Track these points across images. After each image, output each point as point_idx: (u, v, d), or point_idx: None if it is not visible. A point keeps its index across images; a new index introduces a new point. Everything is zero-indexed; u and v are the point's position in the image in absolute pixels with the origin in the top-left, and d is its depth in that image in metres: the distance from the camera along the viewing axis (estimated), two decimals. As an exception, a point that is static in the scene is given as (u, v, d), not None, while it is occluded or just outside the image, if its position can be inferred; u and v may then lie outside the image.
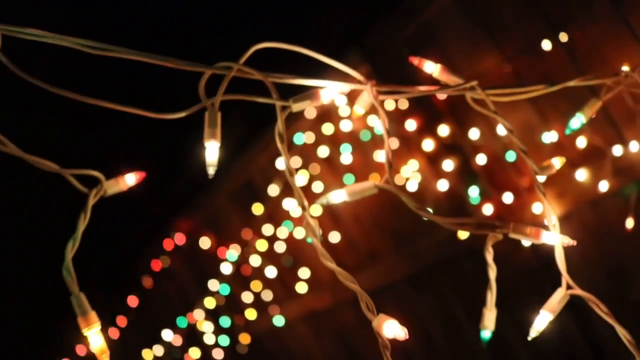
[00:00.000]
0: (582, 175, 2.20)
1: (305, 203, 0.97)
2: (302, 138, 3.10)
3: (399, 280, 3.19)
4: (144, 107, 0.82)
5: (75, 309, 0.73)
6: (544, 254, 2.51)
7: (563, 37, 2.11)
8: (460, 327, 3.07)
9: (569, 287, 0.98)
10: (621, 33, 1.99)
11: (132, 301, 5.46)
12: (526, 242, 2.34)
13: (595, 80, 1.25)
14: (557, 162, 1.16)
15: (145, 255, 5.31)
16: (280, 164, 3.22)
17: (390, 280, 3.23)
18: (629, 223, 2.01)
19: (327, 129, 3.09)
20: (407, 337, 0.84)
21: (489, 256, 0.99)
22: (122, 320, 5.61)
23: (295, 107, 0.99)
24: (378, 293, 3.38)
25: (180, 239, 4.82)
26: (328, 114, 3.07)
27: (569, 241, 1.02)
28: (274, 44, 0.95)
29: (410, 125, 2.65)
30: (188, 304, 4.38)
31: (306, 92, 1.00)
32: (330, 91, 1.01)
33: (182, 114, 0.86)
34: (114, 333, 5.88)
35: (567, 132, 1.38)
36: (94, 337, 0.74)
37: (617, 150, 2.01)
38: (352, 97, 2.95)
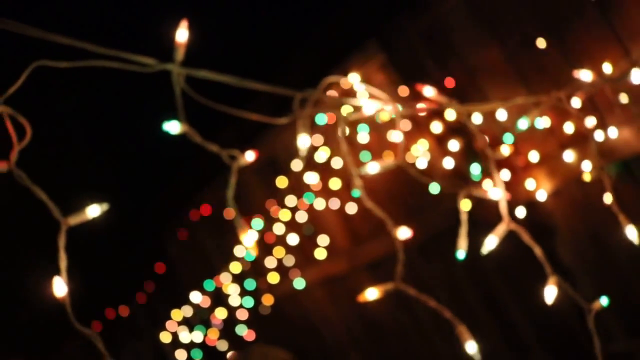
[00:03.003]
0: (569, 156, 2.50)
1: (356, 171, 1.34)
2: (324, 119, 3.42)
3: (409, 248, 3.52)
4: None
5: (235, 225, 1.10)
6: (538, 223, 2.83)
7: (556, 36, 2.41)
8: (463, 289, 3.40)
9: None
10: (606, 34, 2.28)
11: (160, 268, 5.85)
12: (520, 214, 2.67)
13: (536, 98, 1.59)
14: (507, 149, 1.57)
15: (172, 225, 5.67)
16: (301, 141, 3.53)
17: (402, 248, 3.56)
18: (608, 199, 2.32)
19: (347, 110, 3.40)
20: (412, 234, 1.23)
21: (460, 205, 1.40)
22: (149, 286, 6.01)
23: (351, 117, 1.38)
24: (390, 259, 3.72)
25: (205, 210, 5.16)
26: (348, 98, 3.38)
27: (507, 195, 1.40)
28: (339, 78, 1.31)
29: (421, 110, 2.96)
30: (214, 269, 4.73)
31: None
32: (370, 107, 1.40)
33: (286, 120, 1.24)
34: (141, 298, 6.28)
35: (516, 130, 1.72)
36: (247, 238, 1.12)
37: (599, 135, 2.30)
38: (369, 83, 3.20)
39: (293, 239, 3.93)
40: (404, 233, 1.34)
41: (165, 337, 5.22)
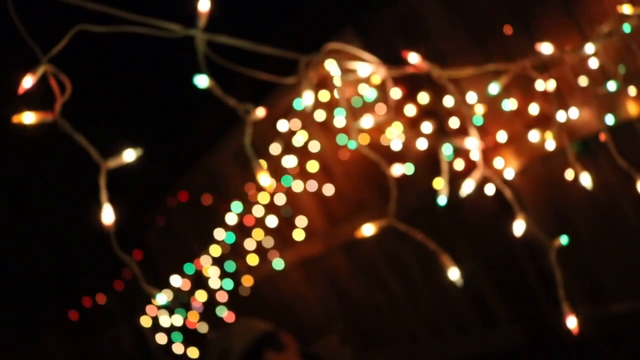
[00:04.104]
0: (534, 136, 2.67)
1: (354, 124, 1.46)
2: (301, 103, 3.53)
3: (383, 227, 3.67)
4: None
5: (253, 165, 1.21)
6: (506, 200, 2.99)
7: (522, 24, 2.56)
8: (436, 265, 3.56)
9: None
10: (567, 22, 2.45)
11: (137, 255, 5.90)
12: (489, 191, 2.83)
13: (504, 67, 1.75)
14: (481, 110, 1.71)
15: (149, 212, 5.72)
16: (281, 125, 3.63)
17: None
18: (569, 175, 2.49)
19: (324, 95, 3.52)
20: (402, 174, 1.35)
21: (442, 156, 1.54)
22: (127, 273, 6.06)
23: (351, 77, 1.50)
24: (366, 239, 3.86)
25: (183, 196, 5.24)
26: (324, 83, 3.50)
27: (482, 143, 1.55)
28: (341, 46, 1.43)
29: (396, 93, 3.10)
30: (193, 254, 4.81)
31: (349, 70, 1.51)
32: (364, 70, 1.52)
33: (294, 80, 1.35)
34: (119, 285, 6.32)
35: (488, 95, 1.89)
36: (264, 178, 1.23)
37: (561, 115, 2.47)
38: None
39: (272, 221, 4.04)
40: (397, 170, 1.49)
41: (145, 322, 5.30)
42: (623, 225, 2.69)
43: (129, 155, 1.14)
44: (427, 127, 3.01)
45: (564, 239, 1.62)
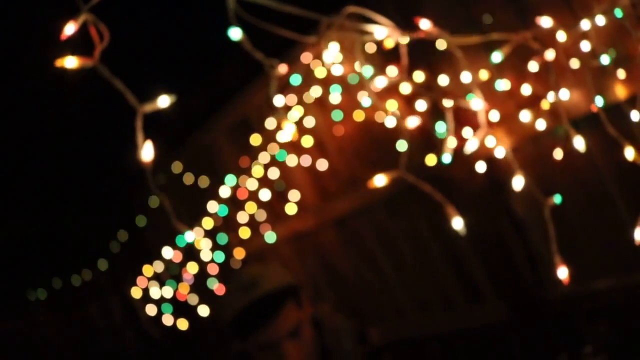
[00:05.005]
0: (525, 116, 2.74)
1: (367, 81, 1.51)
2: (299, 79, 3.58)
3: (375, 203, 3.75)
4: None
5: (277, 112, 1.28)
6: (496, 178, 3.07)
7: (517, 5, 2.62)
8: (425, 243, 3.64)
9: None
10: (560, 4, 2.52)
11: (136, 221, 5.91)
12: (480, 169, 2.89)
13: (505, 37, 1.82)
14: (485, 74, 1.77)
15: (143, 185, 5.74)
16: (278, 101, 3.67)
17: (368, 204, 3.78)
18: (558, 155, 2.57)
19: (320, 72, 3.56)
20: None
21: (448, 114, 1.59)
22: (116, 246, 6.09)
23: (366, 40, 1.56)
24: (357, 215, 3.94)
25: (177, 167, 5.27)
26: (321, 59, 3.54)
27: (487, 105, 1.62)
28: (359, 9, 1.48)
29: (392, 71, 3.15)
30: (184, 228, 4.83)
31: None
32: (380, 33, 1.57)
33: (314, 40, 1.40)
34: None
35: (491, 62, 1.96)
36: (288, 126, 1.28)
37: (552, 96, 2.54)
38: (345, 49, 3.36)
39: (265, 195, 4.10)
40: (412, 122, 1.57)
41: (135, 293, 5.36)
42: (607, 204, 2.78)
43: (164, 100, 1.19)
44: (421, 105, 3.07)
45: (557, 198, 1.70)
